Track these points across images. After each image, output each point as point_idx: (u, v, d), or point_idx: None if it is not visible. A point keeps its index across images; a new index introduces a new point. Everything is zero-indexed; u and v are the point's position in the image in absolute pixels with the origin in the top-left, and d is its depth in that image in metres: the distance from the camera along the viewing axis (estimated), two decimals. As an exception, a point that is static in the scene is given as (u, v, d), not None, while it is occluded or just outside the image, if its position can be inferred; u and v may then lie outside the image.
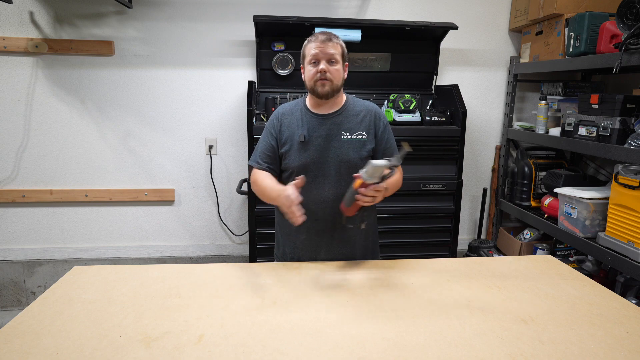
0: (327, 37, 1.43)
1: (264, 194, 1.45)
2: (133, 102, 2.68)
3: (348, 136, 1.48)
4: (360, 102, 1.56)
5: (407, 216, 2.50)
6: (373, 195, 1.28)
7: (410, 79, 2.76)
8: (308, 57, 1.45)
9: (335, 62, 1.44)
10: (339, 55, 1.45)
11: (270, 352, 0.97)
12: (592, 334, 1.06)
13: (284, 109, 1.55)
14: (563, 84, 2.62)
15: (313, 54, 1.43)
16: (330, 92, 1.45)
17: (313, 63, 1.44)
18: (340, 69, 1.46)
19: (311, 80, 1.45)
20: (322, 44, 1.42)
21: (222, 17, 2.64)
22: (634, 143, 1.84)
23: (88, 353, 0.96)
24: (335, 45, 1.44)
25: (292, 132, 1.50)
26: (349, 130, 1.49)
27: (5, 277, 2.76)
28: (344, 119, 1.50)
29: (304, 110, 1.52)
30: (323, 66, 1.41)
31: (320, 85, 1.43)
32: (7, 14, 2.49)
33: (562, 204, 2.29)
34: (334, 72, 1.43)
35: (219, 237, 2.91)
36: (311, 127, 1.48)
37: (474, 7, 2.78)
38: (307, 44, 1.47)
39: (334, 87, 1.45)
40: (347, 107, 1.52)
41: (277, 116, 1.54)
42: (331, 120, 1.49)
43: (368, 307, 1.17)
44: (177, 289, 1.27)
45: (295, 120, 1.51)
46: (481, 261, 1.52)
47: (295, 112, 1.53)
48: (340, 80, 1.47)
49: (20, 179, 2.68)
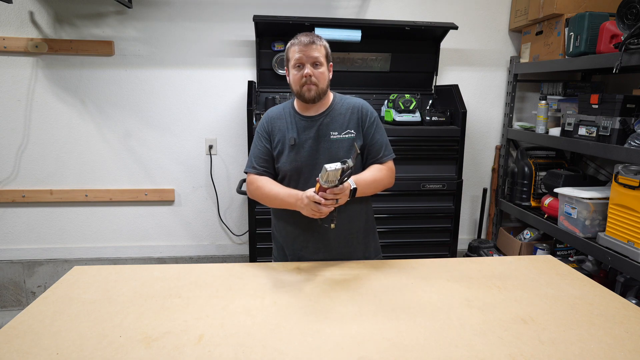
0: (310, 40, 1.42)
1: (276, 199, 1.44)
2: (133, 102, 2.68)
3: (337, 136, 1.48)
4: (347, 100, 1.55)
5: (407, 216, 2.50)
6: (332, 198, 1.29)
7: (410, 79, 2.76)
8: (292, 61, 1.44)
9: (319, 65, 1.43)
10: (323, 57, 1.44)
11: (270, 352, 0.97)
12: (592, 334, 1.06)
13: (273, 113, 1.55)
14: (563, 84, 2.62)
15: (297, 57, 1.42)
16: (316, 96, 1.44)
17: (297, 67, 1.43)
18: (325, 71, 1.46)
19: (297, 84, 1.44)
20: (305, 47, 1.41)
21: (222, 17, 2.64)
22: (634, 143, 1.84)
23: (88, 353, 0.96)
24: (319, 48, 1.43)
25: (282, 135, 1.49)
26: (337, 129, 1.48)
27: (5, 277, 2.76)
28: (332, 119, 1.49)
29: (293, 112, 1.52)
30: (308, 70, 1.41)
31: (307, 91, 1.43)
32: (7, 14, 2.49)
33: (562, 204, 2.29)
34: (318, 76, 1.43)
35: (219, 237, 2.91)
36: (300, 130, 1.48)
37: (474, 7, 2.78)
38: (290, 47, 1.46)
39: (319, 91, 1.44)
40: (334, 106, 1.51)
41: (267, 120, 1.53)
42: (319, 122, 1.48)
43: (368, 307, 1.17)
44: (177, 289, 1.27)
45: (285, 124, 1.50)
46: (481, 261, 1.52)
47: (284, 115, 1.52)
48: (325, 82, 1.46)
49: (20, 179, 2.68)
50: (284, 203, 1.42)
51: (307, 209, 1.33)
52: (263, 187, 1.46)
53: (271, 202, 1.48)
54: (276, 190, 1.44)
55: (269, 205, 1.52)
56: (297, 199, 1.36)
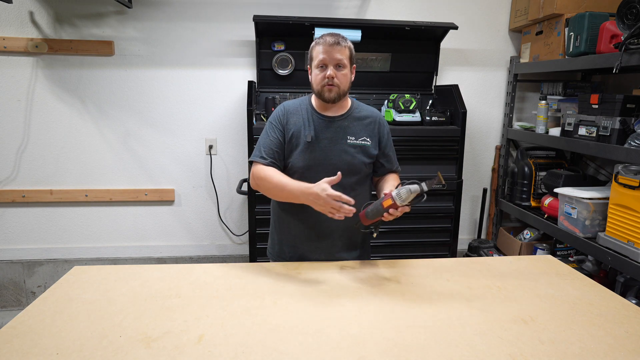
0: (335, 41, 1.41)
1: (283, 191, 1.42)
2: (133, 102, 2.68)
3: (353, 140, 1.48)
4: (365, 107, 1.57)
5: (407, 216, 2.49)
6: (399, 215, 1.31)
7: (410, 79, 2.76)
8: (315, 61, 1.44)
9: (342, 67, 1.43)
10: (347, 59, 1.44)
11: (270, 352, 0.97)
12: (592, 334, 1.06)
13: (289, 106, 1.53)
14: (563, 84, 2.62)
15: (321, 58, 1.41)
16: (336, 97, 1.45)
17: (320, 67, 1.43)
18: (348, 73, 1.46)
19: (318, 85, 1.44)
20: (330, 48, 1.40)
21: (222, 17, 2.64)
22: (634, 143, 1.84)
23: (88, 353, 0.96)
24: (343, 50, 1.42)
25: (298, 130, 1.48)
26: (354, 134, 1.49)
27: (5, 277, 2.76)
28: (350, 122, 1.50)
29: (311, 110, 1.51)
30: (330, 72, 1.41)
31: (327, 91, 1.43)
32: (7, 14, 2.49)
33: (562, 204, 2.29)
34: (341, 78, 1.43)
35: (219, 237, 2.91)
36: (318, 128, 1.48)
37: (474, 7, 2.78)
38: (315, 46, 1.45)
39: (340, 93, 1.45)
40: (353, 111, 1.52)
41: (282, 112, 1.51)
42: (337, 123, 1.49)
43: (368, 307, 1.17)
44: (177, 289, 1.27)
45: (302, 119, 1.49)
46: (481, 261, 1.52)
47: (301, 111, 1.51)
48: (347, 85, 1.46)
49: (20, 179, 2.68)
50: (292, 196, 1.39)
51: (325, 206, 1.31)
52: (271, 178, 1.43)
53: (278, 194, 1.45)
54: (285, 181, 1.41)
55: (274, 197, 1.51)
56: (310, 193, 1.33)
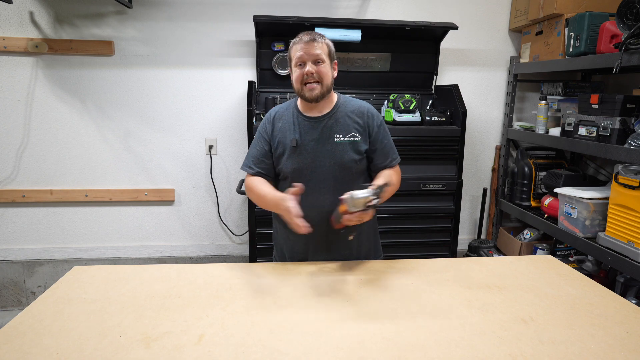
0: (311, 38, 1.40)
1: (262, 202, 1.44)
2: (133, 102, 2.68)
3: (341, 138, 1.45)
4: (353, 102, 1.52)
5: (407, 216, 2.50)
6: (359, 218, 1.27)
7: (410, 79, 2.76)
8: (294, 60, 1.42)
9: (321, 62, 1.40)
10: (325, 54, 1.42)
11: (270, 352, 0.97)
12: (592, 334, 1.06)
13: (276, 112, 1.52)
14: (563, 84, 2.62)
15: (298, 56, 1.40)
16: (319, 95, 1.42)
17: (299, 65, 1.41)
18: (328, 67, 1.43)
19: (298, 83, 1.42)
20: (306, 45, 1.39)
21: (222, 17, 2.64)
22: (634, 143, 1.84)
23: (88, 353, 0.96)
24: (321, 45, 1.41)
25: (284, 135, 1.47)
26: (341, 132, 1.45)
27: (5, 277, 2.76)
28: (336, 120, 1.46)
29: (296, 113, 1.49)
30: (309, 68, 1.39)
31: (308, 90, 1.41)
32: (7, 14, 2.49)
33: (562, 204, 2.29)
34: (321, 72, 1.40)
35: (219, 237, 2.91)
36: (303, 131, 1.46)
37: (474, 7, 2.78)
38: (292, 46, 1.44)
39: (323, 89, 1.42)
40: (339, 108, 1.49)
41: (269, 120, 1.51)
42: (323, 123, 1.46)
43: (368, 307, 1.17)
44: (177, 289, 1.27)
45: (287, 124, 1.48)
46: (481, 261, 1.52)
47: (287, 115, 1.50)
48: (329, 79, 1.43)
49: (20, 179, 2.68)
50: (269, 206, 1.41)
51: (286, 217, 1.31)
52: (255, 188, 1.45)
53: (260, 203, 1.46)
54: (265, 191, 1.42)
55: (261, 207, 1.50)
56: (275, 204, 1.34)
